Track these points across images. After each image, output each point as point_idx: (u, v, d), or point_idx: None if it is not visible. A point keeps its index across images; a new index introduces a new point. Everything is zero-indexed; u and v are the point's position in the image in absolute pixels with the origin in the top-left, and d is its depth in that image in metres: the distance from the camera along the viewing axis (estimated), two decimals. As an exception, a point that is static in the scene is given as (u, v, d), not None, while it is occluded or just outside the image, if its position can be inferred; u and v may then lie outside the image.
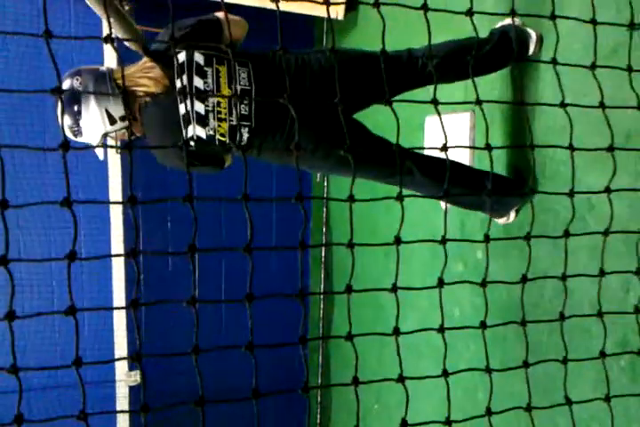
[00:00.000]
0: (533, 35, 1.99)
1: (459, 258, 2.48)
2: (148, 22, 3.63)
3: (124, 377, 3.90)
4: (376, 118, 2.14)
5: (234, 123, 1.84)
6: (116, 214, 3.86)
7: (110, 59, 3.69)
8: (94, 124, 1.77)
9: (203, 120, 1.82)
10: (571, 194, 1.33)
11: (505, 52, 2.01)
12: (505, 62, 2.07)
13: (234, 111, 1.83)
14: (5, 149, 0.87)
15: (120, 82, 1.77)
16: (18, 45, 3.60)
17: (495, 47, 2.00)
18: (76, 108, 1.75)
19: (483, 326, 1.23)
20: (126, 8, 3.72)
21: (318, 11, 3.52)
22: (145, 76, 1.78)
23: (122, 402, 3.99)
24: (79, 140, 1.81)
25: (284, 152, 1.95)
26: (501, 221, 2.21)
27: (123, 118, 1.78)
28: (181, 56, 1.81)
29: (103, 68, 1.82)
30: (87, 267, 3.87)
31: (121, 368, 3.93)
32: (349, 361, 3.77)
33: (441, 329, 1.18)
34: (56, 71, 0.86)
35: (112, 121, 1.77)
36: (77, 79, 1.76)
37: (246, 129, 1.85)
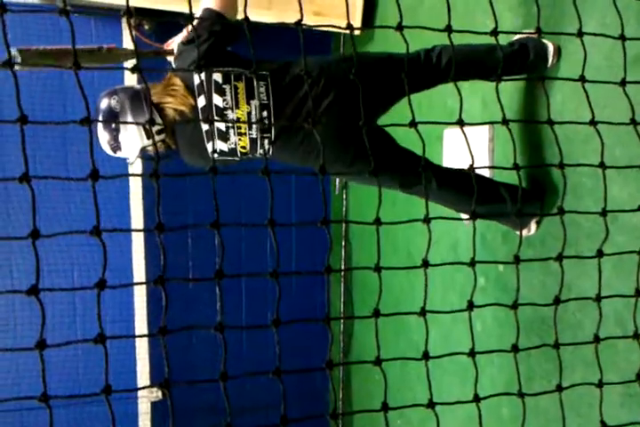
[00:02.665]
0: (551, 47, 1.98)
1: (480, 271, 2.45)
2: (166, 41, 3.68)
3: (146, 393, 3.91)
4: (394, 131, 2.14)
5: (254, 136, 1.90)
6: (138, 233, 3.90)
7: (130, 77, 3.75)
8: (132, 139, 1.85)
9: (224, 136, 1.90)
10: (603, 213, 1.29)
11: (522, 61, 2.00)
12: (520, 70, 2.05)
13: (253, 125, 1.89)
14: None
15: (154, 98, 1.87)
16: (39, 73, 3.65)
17: (513, 54, 2.00)
18: (114, 125, 1.84)
19: (515, 349, 1.20)
20: (145, 27, 3.80)
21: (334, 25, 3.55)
22: (170, 94, 1.87)
23: (144, 418, 3.99)
24: (118, 155, 1.90)
25: (304, 157, 1.99)
26: (523, 232, 2.19)
27: (159, 132, 1.87)
28: (200, 76, 1.88)
29: (137, 87, 1.92)
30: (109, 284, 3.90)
31: (143, 384, 3.94)
32: (371, 376, 3.74)
33: (471, 353, 1.16)
34: (84, 100, 0.88)
35: (149, 135, 1.85)
36: (114, 98, 1.86)
37: (266, 140, 1.91)
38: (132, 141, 1.85)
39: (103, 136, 1.85)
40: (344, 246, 4.32)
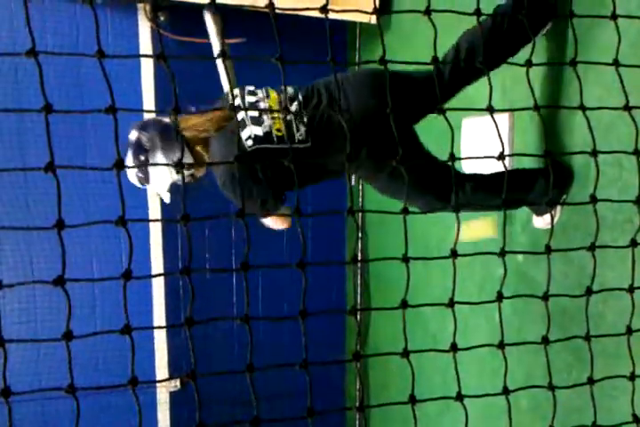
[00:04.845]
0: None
1: (499, 261, 2.43)
2: (182, 32, 3.69)
3: (165, 383, 3.94)
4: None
5: (289, 118, 1.91)
6: (156, 224, 3.91)
7: (147, 70, 3.75)
8: (162, 175, 1.86)
9: (257, 120, 1.90)
10: (638, 201, 1.27)
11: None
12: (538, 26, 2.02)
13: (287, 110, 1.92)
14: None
15: (185, 133, 1.86)
16: (56, 64, 3.67)
17: (512, 21, 1.95)
18: (143, 159, 1.85)
19: (545, 341, 1.19)
20: (161, 18, 3.79)
21: (351, 16, 3.52)
22: (207, 121, 1.89)
23: (163, 407, 4.03)
24: (146, 187, 1.92)
25: (336, 161, 1.97)
26: (546, 221, 2.16)
27: (188, 166, 1.89)
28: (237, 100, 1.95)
29: (167, 121, 1.91)
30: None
31: (162, 374, 3.98)
32: (388, 366, 3.73)
33: (500, 345, 1.15)
34: (109, 88, 0.87)
35: (178, 171, 1.84)
36: (144, 134, 1.86)
37: (302, 123, 1.91)
38: (162, 177, 1.87)
39: (132, 170, 1.87)
40: (361, 237, 4.31)
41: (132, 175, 1.88)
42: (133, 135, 1.85)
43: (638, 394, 1.26)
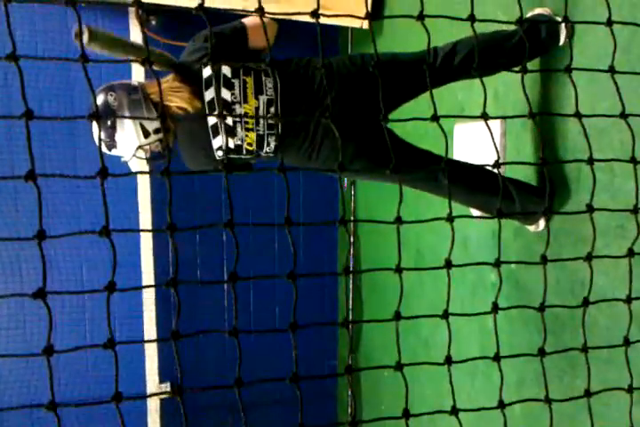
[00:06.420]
0: (563, 25, 1.94)
1: (491, 268, 2.43)
2: (173, 37, 3.67)
3: (155, 390, 3.91)
4: (403, 126, 2.12)
5: (261, 132, 1.88)
6: (146, 230, 3.89)
7: (138, 72, 3.74)
8: (129, 137, 1.80)
9: (231, 131, 1.86)
10: (635, 210, 1.26)
11: (534, 40, 1.95)
12: (532, 51, 2.00)
13: (261, 121, 1.87)
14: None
15: (153, 97, 1.81)
16: (47, 69, 3.64)
17: (522, 40, 1.96)
18: (109, 122, 1.78)
19: (541, 353, 1.18)
20: (153, 23, 3.78)
21: (342, 21, 3.53)
22: (174, 95, 1.81)
23: (153, 415, 3.99)
24: (113, 153, 1.84)
25: (305, 157, 1.97)
26: (532, 228, 2.17)
27: (156, 131, 1.81)
28: (208, 69, 1.85)
29: (135, 83, 1.86)
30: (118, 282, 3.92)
31: (152, 381, 3.95)
32: (380, 373, 3.71)
33: (496, 358, 1.14)
34: (92, 95, 0.86)
35: (146, 134, 1.81)
36: (111, 95, 1.79)
37: (273, 137, 1.89)
38: (129, 140, 1.80)
39: (98, 133, 1.81)
40: (352, 243, 4.30)
41: (99, 140, 1.86)
42: (100, 99, 1.78)
43: (622, 401, 1.26)
